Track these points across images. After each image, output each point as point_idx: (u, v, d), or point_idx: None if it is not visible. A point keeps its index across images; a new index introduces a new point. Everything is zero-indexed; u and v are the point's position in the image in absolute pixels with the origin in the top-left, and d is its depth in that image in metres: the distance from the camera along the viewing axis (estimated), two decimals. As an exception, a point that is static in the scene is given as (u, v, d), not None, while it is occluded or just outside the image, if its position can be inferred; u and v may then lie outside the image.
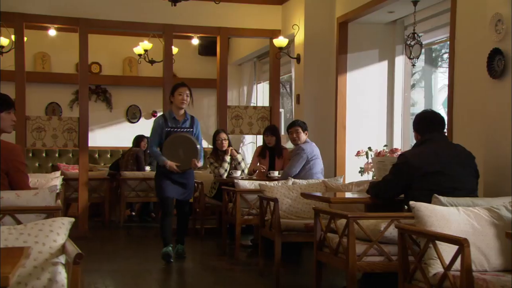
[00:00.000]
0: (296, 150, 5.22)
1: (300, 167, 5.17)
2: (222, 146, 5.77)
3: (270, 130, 5.80)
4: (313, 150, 5.21)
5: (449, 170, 3.15)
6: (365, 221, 3.18)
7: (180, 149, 4.65)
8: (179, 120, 4.74)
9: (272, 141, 5.76)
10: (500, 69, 3.25)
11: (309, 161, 5.19)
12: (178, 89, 4.69)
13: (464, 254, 2.19)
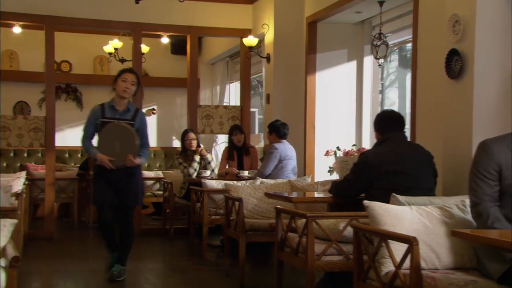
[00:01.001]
0: (269, 149, 5.25)
1: (273, 167, 5.20)
2: (190, 145, 5.77)
3: (239, 129, 5.81)
4: (286, 150, 5.24)
5: (408, 169, 3.19)
6: (325, 221, 3.21)
7: (117, 141, 3.95)
8: (119, 110, 4.02)
9: (242, 139, 5.77)
10: (457, 70, 3.30)
11: (282, 160, 5.22)
12: (123, 75, 4.01)
13: (413, 252, 2.22)
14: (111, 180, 3.97)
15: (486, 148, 2.37)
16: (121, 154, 3.93)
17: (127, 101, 4.05)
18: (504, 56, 3.18)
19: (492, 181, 2.33)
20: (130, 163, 3.94)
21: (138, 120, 4.03)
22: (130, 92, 4.01)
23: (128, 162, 3.92)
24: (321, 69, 5.77)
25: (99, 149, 3.98)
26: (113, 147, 3.94)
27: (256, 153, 6.00)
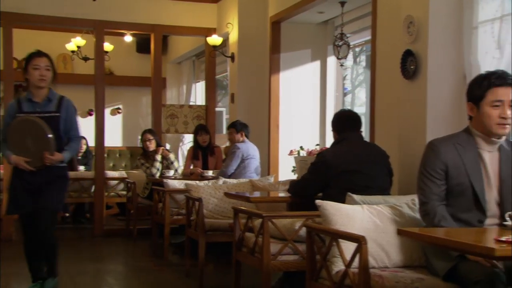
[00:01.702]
0: (232, 148, 5.24)
1: (236, 166, 5.19)
2: (147, 147, 5.72)
3: (204, 129, 5.78)
4: (248, 150, 5.22)
5: (364, 169, 3.22)
6: (282, 220, 3.20)
7: (29, 138, 3.31)
8: (39, 102, 3.38)
9: (207, 140, 5.74)
10: (412, 70, 3.34)
11: (244, 160, 5.21)
12: (32, 62, 3.36)
13: (362, 251, 2.23)
14: (27, 180, 3.33)
15: (434, 148, 2.39)
16: (36, 152, 3.29)
17: (47, 90, 3.39)
18: (457, 56, 3.23)
19: (439, 180, 2.35)
20: (49, 162, 3.28)
21: (64, 109, 3.40)
22: (48, 79, 3.36)
23: (46, 160, 3.27)
24: (285, 68, 5.77)
25: (12, 150, 3.34)
26: (26, 146, 3.31)
27: (221, 153, 5.98)
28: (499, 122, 2.29)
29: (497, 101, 2.29)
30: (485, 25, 3.04)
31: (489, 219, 2.33)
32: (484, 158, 2.35)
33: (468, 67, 3.14)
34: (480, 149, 2.36)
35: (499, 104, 2.28)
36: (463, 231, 2.14)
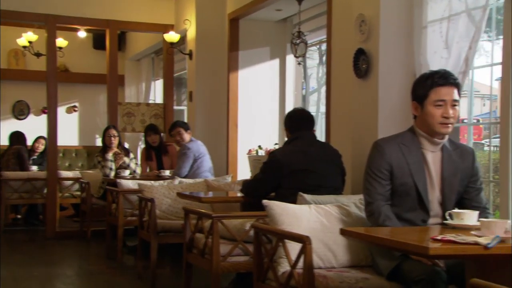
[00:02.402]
0: (182, 149, 5.15)
1: (188, 167, 5.12)
2: (110, 142, 5.60)
3: (153, 130, 5.70)
4: (199, 148, 5.17)
5: (316, 168, 3.23)
6: (233, 221, 3.18)
7: None
8: None
9: (156, 140, 5.66)
10: (364, 69, 3.37)
11: (196, 159, 5.15)
12: None
13: (306, 252, 2.22)
14: None
15: (379, 148, 2.41)
16: None
17: None
18: (407, 55, 3.27)
19: (384, 180, 2.37)
20: None
21: None
22: None
23: None
24: (244, 67, 5.75)
25: None
26: None
27: (175, 151, 5.90)
28: (442, 121, 2.32)
29: (439, 100, 2.32)
30: (433, 25, 3.09)
31: (432, 218, 2.36)
32: (427, 158, 2.38)
33: (418, 67, 3.18)
34: (424, 149, 2.39)
35: (442, 103, 2.32)
36: (405, 230, 2.16)
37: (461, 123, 3.56)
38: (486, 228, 1.78)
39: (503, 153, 2.72)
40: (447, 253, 1.67)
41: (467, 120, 3.42)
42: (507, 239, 1.74)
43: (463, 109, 3.56)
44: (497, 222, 1.79)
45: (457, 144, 2.47)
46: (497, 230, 1.75)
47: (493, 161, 3.11)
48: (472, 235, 1.79)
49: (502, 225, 1.76)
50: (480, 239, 1.70)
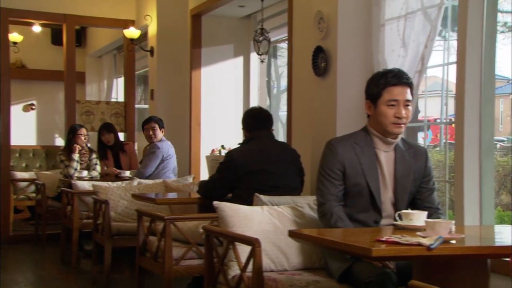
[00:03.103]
0: (151, 148, 5.09)
1: (154, 167, 5.06)
2: (82, 142, 5.47)
3: (106, 128, 5.60)
4: (168, 149, 5.12)
5: (273, 168, 3.22)
6: (188, 223, 3.15)
7: None
8: None
9: (111, 139, 5.57)
10: (323, 67, 3.37)
11: (164, 160, 5.09)
12: None
13: (256, 254, 2.21)
14: None
15: (331, 147, 2.41)
16: None
17: None
18: (366, 54, 3.29)
19: (337, 181, 2.37)
20: None
21: None
22: None
23: None
24: (207, 64, 5.71)
25: None
26: None
27: (133, 149, 5.83)
28: (394, 121, 2.33)
29: (392, 100, 2.33)
30: (391, 23, 3.12)
31: (384, 219, 2.37)
32: (380, 158, 2.40)
33: (376, 65, 3.20)
34: (377, 149, 2.40)
35: (394, 103, 2.33)
36: (354, 232, 2.16)
37: (432, 122, 3.61)
38: (431, 228, 1.79)
39: (458, 153, 2.75)
40: (390, 255, 1.68)
41: (439, 119, 3.46)
42: (451, 239, 1.76)
43: (437, 108, 3.59)
44: (442, 222, 1.80)
45: (410, 144, 2.50)
46: (441, 231, 1.76)
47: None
48: (417, 236, 1.80)
49: (447, 225, 1.78)
50: (424, 240, 1.71)
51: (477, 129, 2.71)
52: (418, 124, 3.65)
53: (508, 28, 11.21)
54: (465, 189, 2.72)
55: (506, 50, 11.29)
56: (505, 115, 11.70)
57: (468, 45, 2.67)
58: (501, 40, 11.44)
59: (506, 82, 11.44)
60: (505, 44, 11.58)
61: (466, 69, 2.68)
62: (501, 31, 11.15)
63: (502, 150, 6.52)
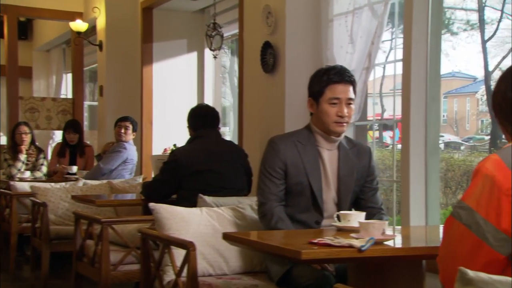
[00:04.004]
0: (118, 146, 4.97)
1: (116, 165, 4.97)
2: (21, 140, 5.33)
3: (73, 127, 5.49)
4: (133, 154, 5.05)
5: (219, 168, 3.18)
6: (128, 226, 3.08)
7: None
8: None
9: (75, 139, 5.46)
10: (271, 63, 3.37)
11: (126, 162, 5.02)
12: None
13: (190, 258, 2.17)
14: None
15: (273, 145, 2.40)
16: None
17: None
18: (315, 49, 3.30)
19: (278, 179, 2.36)
20: None
21: None
22: None
23: None
24: (159, 60, 5.64)
25: None
26: None
27: (92, 154, 5.72)
28: (337, 120, 2.33)
29: (334, 98, 2.33)
30: (339, 18, 3.13)
31: (326, 220, 2.37)
32: (323, 157, 2.39)
33: (325, 62, 3.20)
34: (320, 147, 2.40)
35: (336, 102, 2.33)
36: (292, 233, 2.15)
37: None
38: (364, 230, 1.79)
39: (404, 153, 2.79)
40: (319, 257, 1.67)
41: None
42: (383, 240, 1.76)
43: (398, 106, 3.57)
44: (375, 223, 1.81)
45: (354, 142, 2.50)
46: (374, 232, 1.76)
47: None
48: (351, 238, 1.80)
49: (380, 226, 1.78)
50: (355, 242, 1.71)
51: (423, 128, 2.75)
52: (365, 123, 3.67)
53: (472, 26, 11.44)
54: (411, 189, 2.75)
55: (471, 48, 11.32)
56: (471, 114, 11.91)
57: (414, 43, 2.70)
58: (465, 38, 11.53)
59: (472, 80, 11.64)
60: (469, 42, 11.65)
61: (411, 67, 2.72)
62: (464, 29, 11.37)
63: (468, 149, 6.67)
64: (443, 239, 1.48)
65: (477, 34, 10.15)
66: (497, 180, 1.37)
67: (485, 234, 1.36)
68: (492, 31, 9.76)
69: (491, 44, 10.53)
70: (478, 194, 1.40)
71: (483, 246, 1.37)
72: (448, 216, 1.49)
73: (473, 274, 1.11)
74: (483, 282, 1.10)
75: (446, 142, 11.73)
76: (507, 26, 8.64)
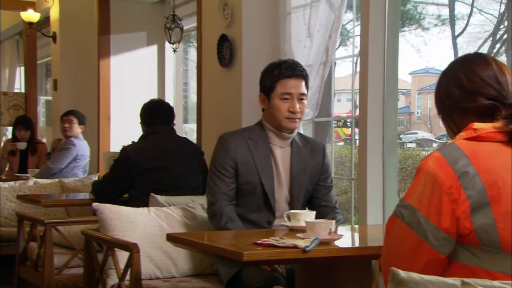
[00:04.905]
0: (66, 143, 4.88)
1: (65, 164, 4.88)
2: None
3: (24, 124, 5.37)
4: (84, 149, 4.97)
5: (172, 166, 3.14)
6: (75, 227, 3.02)
7: None
8: None
9: (26, 136, 5.35)
10: (228, 57, 3.34)
11: (77, 159, 4.93)
12: None
13: (133, 261, 2.14)
14: None
15: (223, 143, 2.38)
16: None
17: None
18: (273, 43, 3.28)
19: (229, 178, 2.34)
20: None
21: None
22: None
23: None
24: (117, 52, 5.54)
25: None
26: None
27: (46, 150, 5.61)
28: (288, 116, 2.32)
29: (286, 93, 2.32)
30: (297, 11, 3.12)
31: (278, 219, 2.36)
32: (276, 154, 2.38)
33: (283, 56, 3.20)
34: (272, 144, 2.39)
35: (288, 97, 2.32)
36: (239, 234, 2.14)
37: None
38: (310, 229, 1.79)
39: (362, 150, 2.80)
40: (262, 259, 1.65)
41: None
42: (330, 240, 1.76)
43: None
44: (321, 223, 1.80)
45: (307, 139, 2.50)
46: (321, 232, 1.76)
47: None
48: (297, 238, 1.79)
49: (326, 226, 1.78)
50: (300, 242, 1.70)
51: (380, 125, 2.77)
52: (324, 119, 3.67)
53: (443, 22, 11.57)
54: (368, 187, 2.77)
55: (443, 44, 11.50)
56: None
57: (371, 37, 2.71)
58: (437, 34, 11.64)
59: (443, 77, 11.79)
60: (441, 38, 11.79)
61: (369, 63, 2.73)
62: (435, 24, 11.49)
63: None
64: (385, 239, 1.48)
65: (449, 29, 10.31)
66: (439, 178, 1.37)
67: (426, 234, 1.37)
68: (463, 27, 9.91)
69: (463, 40, 10.69)
70: (420, 192, 1.40)
71: (424, 245, 1.37)
72: (391, 215, 1.49)
73: (404, 274, 1.11)
74: (414, 283, 1.10)
75: (419, 139, 11.88)
76: (478, 22, 8.77)
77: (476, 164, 1.36)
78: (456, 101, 1.46)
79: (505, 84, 1.43)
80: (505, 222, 1.33)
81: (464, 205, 1.34)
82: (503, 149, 1.40)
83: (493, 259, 1.33)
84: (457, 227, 1.35)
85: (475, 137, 1.41)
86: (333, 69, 3.32)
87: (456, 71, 1.47)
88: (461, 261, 1.37)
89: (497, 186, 1.34)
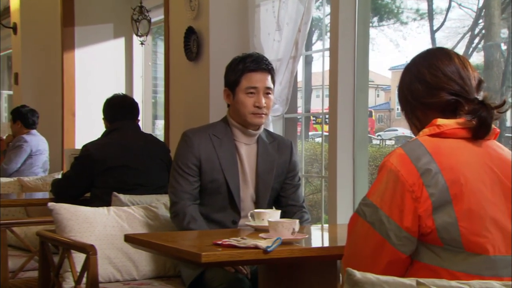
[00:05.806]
0: (16, 141, 4.83)
1: (21, 162, 4.81)
2: None
3: None
4: (38, 144, 4.90)
5: (136, 164, 3.10)
6: (33, 228, 2.97)
7: None
8: None
9: None
10: (195, 51, 3.31)
11: (32, 155, 4.87)
12: None
13: (90, 263, 2.10)
14: None
15: (186, 139, 2.35)
16: None
17: None
18: (242, 36, 3.26)
19: (192, 177, 2.31)
20: None
21: None
22: None
23: None
24: (82, 45, 5.46)
25: None
26: None
27: (4, 146, 5.52)
28: (254, 111, 2.31)
29: (251, 87, 2.30)
30: (266, 4, 3.11)
31: (244, 219, 2.34)
32: (241, 152, 2.37)
33: (252, 50, 3.17)
34: (237, 141, 2.37)
35: (253, 91, 2.31)
36: (198, 234, 2.12)
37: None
38: (273, 229, 1.78)
39: (332, 147, 2.80)
40: (221, 260, 1.64)
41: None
42: (293, 241, 1.75)
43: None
44: (284, 222, 1.79)
45: (274, 136, 2.49)
46: (284, 232, 1.75)
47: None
48: (260, 238, 1.78)
49: (289, 225, 1.77)
50: (262, 242, 1.69)
51: (351, 121, 2.77)
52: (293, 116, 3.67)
53: (421, 16, 11.68)
54: (338, 185, 2.77)
55: (422, 39, 11.61)
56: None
57: (341, 32, 2.71)
58: (416, 28, 11.75)
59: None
60: (420, 32, 11.83)
61: (339, 58, 2.73)
62: (414, 18, 11.60)
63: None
64: (347, 239, 1.48)
65: (428, 24, 10.40)
66: (401, 176, 1.37)
67: (388, 233, 1.37)
68: (441, 21, 10.00)
69: (442, 35, 10.79)
70: (382, 190, 1.40)
71: (385, 245, 1.37)
72: (353, 214, 1.49)
73: (360, 275, 1.11)
74: (370, 283, 1.10)
75: (398, 136, 11.98)
76: (457, 16, 8.87)
77: (438, 161, 1.37)
78: (419, 97, 1.46)
79: (468, 79, 1.44)
80: (467, 221, 1.33)
81: (426, 203, 1.34)
82: (466, 145, 1.41)
83: (455, 259, 1.34)
84: (419, 226, 1.35)
85: (438, 134, 1.42)
86: (312, 64, 3.33)
87: (419, 67, 1.47)
88: (423, 261, 1.37)
89: (459, 184, 1.35)
